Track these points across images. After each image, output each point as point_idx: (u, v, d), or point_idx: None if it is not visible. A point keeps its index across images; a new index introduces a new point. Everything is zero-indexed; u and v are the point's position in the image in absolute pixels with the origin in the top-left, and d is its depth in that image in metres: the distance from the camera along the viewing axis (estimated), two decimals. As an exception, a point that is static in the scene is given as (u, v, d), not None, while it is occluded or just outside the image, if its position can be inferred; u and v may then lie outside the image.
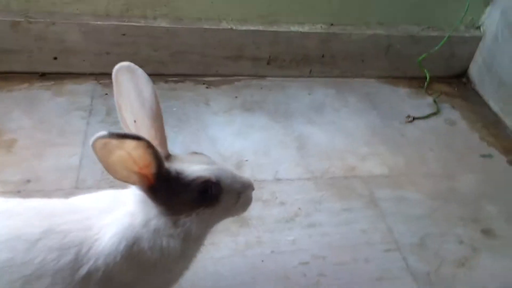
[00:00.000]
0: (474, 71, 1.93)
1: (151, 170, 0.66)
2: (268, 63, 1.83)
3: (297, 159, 1.46)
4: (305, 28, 1.78)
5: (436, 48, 1.83)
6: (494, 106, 1.81)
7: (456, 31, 1.88)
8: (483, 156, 1.56)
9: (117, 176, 0.65)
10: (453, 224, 1.27)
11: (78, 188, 1.22)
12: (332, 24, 1.81)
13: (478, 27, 1.91)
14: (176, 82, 1.73)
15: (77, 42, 1.59)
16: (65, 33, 1.57)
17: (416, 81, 1.97)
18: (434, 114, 1.77)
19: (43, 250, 0.63)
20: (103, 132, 0.59)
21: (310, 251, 1.15)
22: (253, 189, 0.78)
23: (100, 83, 1.63)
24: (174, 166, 0.69)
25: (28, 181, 1.23)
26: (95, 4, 1.57)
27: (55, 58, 1.61)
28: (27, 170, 1.25)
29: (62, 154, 1.32)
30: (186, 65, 1.75)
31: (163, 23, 1.64)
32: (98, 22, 1.57)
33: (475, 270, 1.15)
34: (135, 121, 0.74)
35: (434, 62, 1.93)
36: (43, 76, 1.62)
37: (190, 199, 0.70)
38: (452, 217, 1.28)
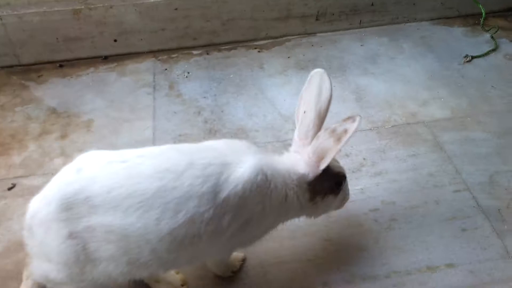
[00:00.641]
0: None
1: (324, 163, 0.87)
2: (317, 19, 1.83)
3: (357, 111, 1.48)
4: (352, -24, 1.75)
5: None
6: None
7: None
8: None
9: (315, 154, 0.87)
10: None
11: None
12: (379, -32, 1.77)
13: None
14: (229, 50, 1.78)
15: (134, 22, 1.67)
16: (123, 14, 1.65)
17: (471, 19, 1.90)
18: (493, 50, 1.71)
19: (190, 177, 0.77)
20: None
21: (379, 197, 1.20)
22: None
23: (159, 60, 1.71)
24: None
25: (111, 157, 1.34)
26: (146, -18, 1.63)
27: (115, 41, 1.71)
28: (108, 146, 1.34)
29: (136, 128, 1.42)
30: (237, 32, 1.79)
31: (211, -7, 1.68)
32: (152, 0, 1.63)
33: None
34: (304, 112, 0.92)
35: (491, -4, 1.84)
36: (106, 59, 1.72)
37: (328, 186, 0.92)
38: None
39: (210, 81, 1.62)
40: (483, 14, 1.83)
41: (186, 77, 1.63)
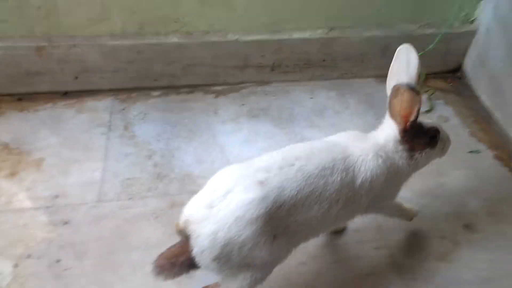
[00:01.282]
0: (468, 65, 2.01)
1: (410, 117, 1.02)
2: (272, 70, 1.96)
3: (299, 163, 1.59)
4: (307, 34, 1.89)
5: (431, 46, 1.91)
6: (486, 100, 1.89)
7: (451, 27, 1.96)
8: (472, 152, 1.67)
9: (392, 112, 1.05)
10: (438, 220, 1.40)
11: (100, 201, 1.39)
12: (331, 29, 1.92)
13: (472, 22, 1.98)
14: (187, 93, 1.87)
15: (97, 61, 1.74)
16: (86, 54, 1.72)
17: (414, 78, 2.07)
18: (428, 111, 1.87)
19: (339, 172, 1.00)
20: (402, 83, 0.99)
21: (306, 251, 1.29)
22: (450, 141, 1.18)
23: (118, 98, 1.79)
24: (419, 120, 1.05)
25: (56, 196, 1.40)
26: (112, 25, 1.71)
27: (76, 78, 1.78)
28: (55, 186, 1.43)
29: (85, 169, 1.49)
30: (197, 77, 1.89)
31: (174, 39, 1.78)
32: (115, 42, 1.72)
33: (455, 264, 1.28)
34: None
35: (430, 58, 2.00)
36: (66, 94, 1.79)
37: (423, 142, 1.09)
38: (438, 213, 1.40)
39: (165, 124, 1.71)
40: (423, 75, 2.00)
41: (142, 118, 1.72)
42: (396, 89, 0.99)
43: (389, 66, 2.01)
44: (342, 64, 2.01)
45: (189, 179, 1.49)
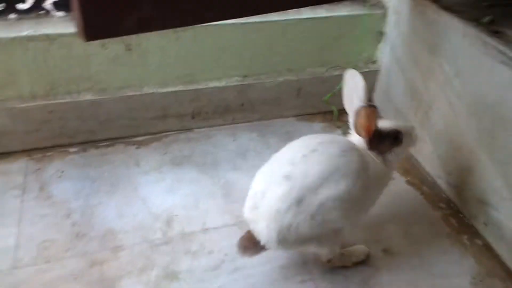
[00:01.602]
0: (377, 100, 2.18)
1: (371, 129, 1.23)
2: (192, 117, 2.00)
3: (224, 207, 1.61)
4: (222, 83, 1.97)
5: (338, 86, 2.06)
6: (395, 132, 2.04)
7: (356, 67, 2.12)
8: (386, 179, 1.78)
9: (357, 131, 1.23)
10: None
11: (15, 267, 1.31)
12: (246, 76, 2.01)
13: (375, 62, 2.16)
14: (107, 146, 1.85)
15: (6, 125, 1.68)
16: (-7, 118, 1.66)
17: (329, 115, 2.20)
18: (344, 145, 1.99)
19: (353, 161, 1.18)
20: (359, 106, 1.19)
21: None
22: (415, 129, 1.36)
23: (32, 159, 1.73)
24: (378, 127, 1.25)
25: (-32, 266, 1.31)
26: (19, 88, 1.68)
27: (-14, 141, 1.70)
28: (-34, 257, 1.33)
29: (-1, 236, 1.40)
30: (116, 130, 1.88)
31: (87, 96, 1.77)
32: (25, 104, 1.68)
33: (376, 288, 1.34)
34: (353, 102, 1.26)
35: (341, 97, 2.16)
36: (-25, 158, 1.70)
37: (389, 143, 1.27)
38: (358, 241, 1.46)
39: (84, 180, 1.66)
40: (336, 112, 2.13)
41: (59, 177, 1.66)
42: (356, 111, 1.19)
43: (305, 105, 2.18)
44: (260, 107, 2.09)
45: (111, 234, 1.45)
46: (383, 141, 1.26)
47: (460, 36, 1.54)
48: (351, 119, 1.27)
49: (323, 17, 1.95)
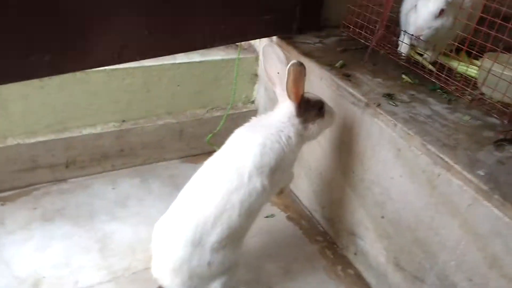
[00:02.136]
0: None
1: (300, 90, 1.28)
2: (67, 167, 1.88)
3: (99, 262, 1.52)
4: (98, 129, 1.89)
5: (219, 127, 2.11)
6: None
7: (235, 108, 2.19)
8: (267, 216, 1.83)
9: (288, 92, 1.27)
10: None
11: None
12: (123, 121, 1.96)
13: (253, 102, 2.25)
14: (-35, 206, 1.66)
15: None
16: None
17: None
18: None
19: (280, 141, 1.28)
20: (291, 63, 1.20)
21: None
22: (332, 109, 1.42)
23: None
24: (306, 95, 1.32)
25: None
26: None
27: None
28: None
29: None
30: (-25, 187, 1.70)
31: None
32: None
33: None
34: (278, 73, 1.34)
35: (223, 137, 2.19)
36: None
37: (314, 114, 1.34)
38: (240, 282, 1.47)
39: None
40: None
41: None
42: (288, 70, 1.21)
43: (188, 147, 2.18)
44: (141, 152, 2.05)
45: (-37, 309, 1.28)
46: (309, 109, 1.32)
47: (318, 79, 1.67)
48: (277, 88, 1.35)
49: (197, 62, 1.99)
